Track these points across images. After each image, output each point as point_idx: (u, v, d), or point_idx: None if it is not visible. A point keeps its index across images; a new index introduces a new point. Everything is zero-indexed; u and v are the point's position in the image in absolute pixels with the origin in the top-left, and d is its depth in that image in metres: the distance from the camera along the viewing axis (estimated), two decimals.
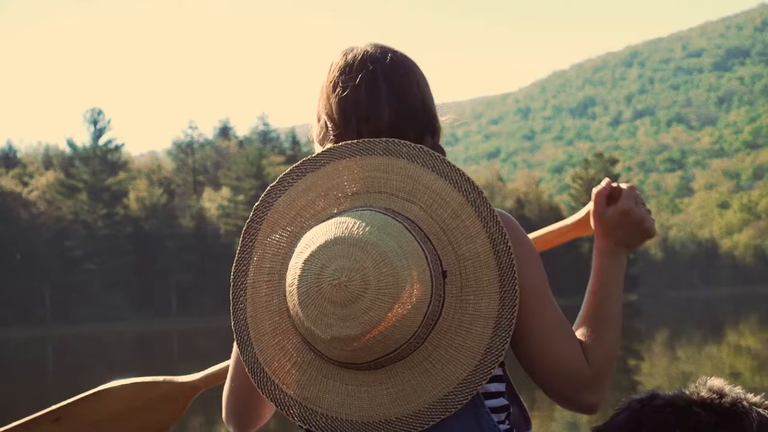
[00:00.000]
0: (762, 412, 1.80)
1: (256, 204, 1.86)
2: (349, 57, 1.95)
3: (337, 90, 1.92)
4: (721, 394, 1.83)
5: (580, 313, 1.98)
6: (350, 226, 1.70)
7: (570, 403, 1.89)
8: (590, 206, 2.05)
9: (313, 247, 1.70)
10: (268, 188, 1.87)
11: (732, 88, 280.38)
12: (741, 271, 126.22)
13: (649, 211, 2.01)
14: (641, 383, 16.86)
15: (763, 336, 27.98)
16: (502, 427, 1.86)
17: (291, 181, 1.86)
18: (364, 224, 1.70)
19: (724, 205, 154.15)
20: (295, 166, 1.87)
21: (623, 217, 1.97)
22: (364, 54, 1.94)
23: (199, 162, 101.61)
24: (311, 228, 1.78)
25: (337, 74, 1.94)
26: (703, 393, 1.85)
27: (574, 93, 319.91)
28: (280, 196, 1.86)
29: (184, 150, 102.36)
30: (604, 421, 1.93)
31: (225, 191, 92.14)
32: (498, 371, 1.90)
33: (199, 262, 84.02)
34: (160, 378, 2.57)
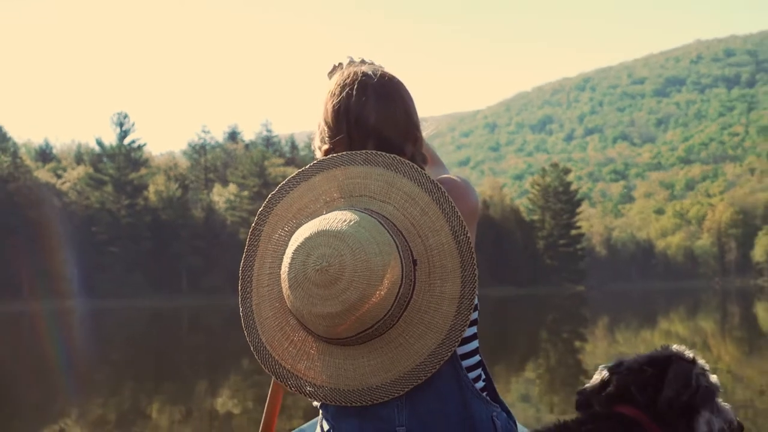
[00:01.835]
0: (683, 363, 1.87)
1: (260, 210, 1.91)
2: (346, 74, 1.99)
3: (334, 98, 1.96)
4: (664, 352, 1.92)
5: None
6: (331, 221, 1.74)
7: None
8: None
9: (301, 239, 1.74)
10: (269, 196, 1.92)
11: (669, 111, 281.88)
12: (672, 268, 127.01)
13: (363, 61, 2.11)
14: (584, 362, 16.91)
15: (689, 324, 28.10)
16: (479, 384, 1.91)
17: (288, 189, 1.91)
18: (343, 219, 1.74)
19: (659, 212, 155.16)
20: (291, 177, 1.92)
21: None
22: (357, 70, 1.98)
23: (210, 161, 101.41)
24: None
25: (333, 87, 1.98)
26: (655, 353, 1.94)
27: (535, 112, 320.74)
28: (279, 202, 1.91)
29: (198, 151, 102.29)
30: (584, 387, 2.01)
31: (232, 187, 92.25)
32: (473, 330, 1.94)
33: (208, 248, 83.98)
34: None
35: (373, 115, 1.92)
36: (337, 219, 1.74)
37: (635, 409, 1.83)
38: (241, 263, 1.90)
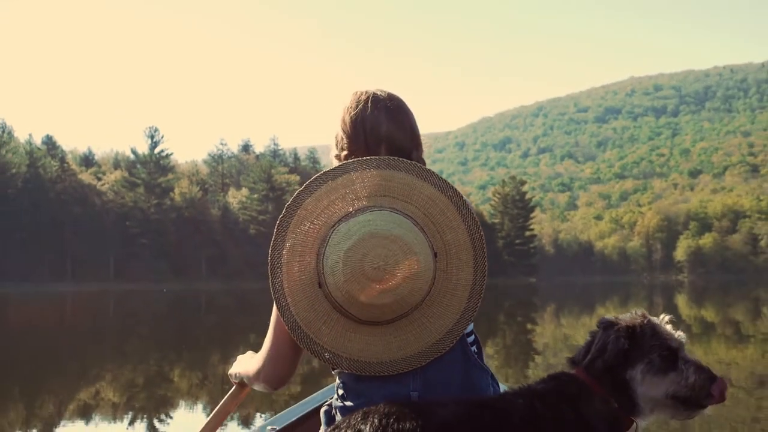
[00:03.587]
0: (608, 329, 1.83)
1: (288, 204, 1.79)
2: (359, 92, 1.99)
3: (351, 111, 1.94)
4: (603, 320, 1.89)
5: None
6: (379, 224, 1.70)
7: None
8: None
9: (354, 239, 1.69)
10: (297, 192, 1.81)
11: (608, 135, 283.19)
12: (608, 264, 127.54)
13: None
14: (534, 341, 16.95)
15: (621, 311, 28.11)
16: (477, 356, 1.91)
17: (315, 187, 1.80)
18: (388, 222, 1.71)
19: (598, 218, 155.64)
20: (319, 176, 1.81)
21: None
22: (368, 91, 1.99)
23: (226, 169, 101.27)
24: (336, 223, 1.76)
25: (350, 103, 1.96)
26: (599, 320, 1.91)
27: (497, 133, 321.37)
28: (307, 198, 1.79)
29: (216, 160, 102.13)
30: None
31: (244, 191, 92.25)
32: None
33: (223, 241, 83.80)
34: None
35: (385, 125, 1.91)
36: (384, 222, 1.71)
37: (580, 370, 1.82)
38: (270, 250, 1.80)
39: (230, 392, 2.42)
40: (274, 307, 1.83)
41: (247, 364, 2.14)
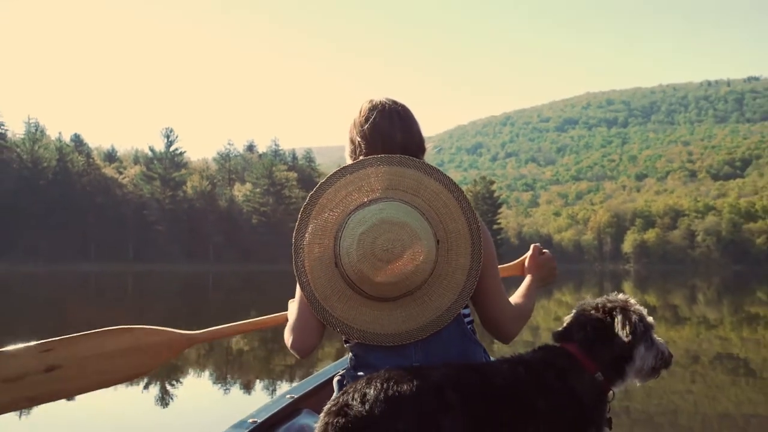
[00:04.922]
0: (626, 311, 1.84)
1: (311, 193, 1.79)
2: (374, 102, 1.95)
3: (369, 120, 1.90)
4: (609, 300, 1.90)
5: (515, 296, 2.08)
6: (390, 212, 1.70)
7: (506, 336, 1.96)
8: (528, 254, 2.25)
9: (368, 224, 1.69)
10: (319, 184, 1.80)
11: (566, 142, 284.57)
12: (565, 254, 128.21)
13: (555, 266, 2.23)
14: None
15: (575, 295, 28.27)
16: (472, 333, 1.92)
17: (335, 179, 1.79)
18: (397, 211, 1.71)
19: (557, 214, 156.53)
20: (338, 170, 1.81)
21: (549, 261, 2.23)
22: (382, 101, 1.95)
23: (233, 166, 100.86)
24: (352, 211, 1.76)
25: (367, 112, 1.92)
26: (602, 300, 1.91)
27: (470, 139, 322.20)
28: (328, 189, 1.79)
29: (224, 158, 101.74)
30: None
31: (248, 186, 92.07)
32: None
33: (229, 230, 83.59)
34: (158, 328, 2.23)
35: (399, 133, 1.89)
36: (393, 210, 1.71)
37: (573, 344, 1.82)
38: (294, 233, 1.79)
39: (277, 315, 2.34)
40: (298, 285, 1.83)
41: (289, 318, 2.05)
